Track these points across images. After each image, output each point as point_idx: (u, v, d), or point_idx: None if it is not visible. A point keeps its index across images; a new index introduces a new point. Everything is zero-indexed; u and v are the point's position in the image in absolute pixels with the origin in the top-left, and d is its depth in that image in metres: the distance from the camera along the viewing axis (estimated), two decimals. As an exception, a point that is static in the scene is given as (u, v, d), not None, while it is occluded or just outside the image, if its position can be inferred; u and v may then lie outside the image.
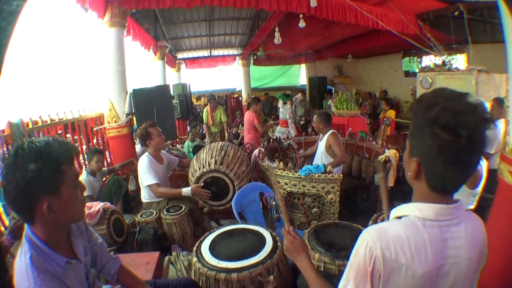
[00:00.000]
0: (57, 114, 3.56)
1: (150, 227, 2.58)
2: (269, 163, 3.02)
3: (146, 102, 4.17)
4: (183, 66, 10.01)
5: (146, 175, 2.79)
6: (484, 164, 2.23)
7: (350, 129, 4.75)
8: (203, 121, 6.60)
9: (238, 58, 9.99)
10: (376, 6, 4.77)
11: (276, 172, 2.83)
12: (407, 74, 9.44)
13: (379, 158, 3.23)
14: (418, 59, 8.88)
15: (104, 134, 4.25)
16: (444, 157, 0.71)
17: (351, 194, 3.48)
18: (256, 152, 3.40)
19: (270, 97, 11.00)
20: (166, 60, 7.70)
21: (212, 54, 9.96)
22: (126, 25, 4.13)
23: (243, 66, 10.06)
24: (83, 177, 3.08)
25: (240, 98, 11.00)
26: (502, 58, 1.79)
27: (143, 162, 2.83)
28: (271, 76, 12.36)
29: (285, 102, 5.94)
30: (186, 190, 2.75)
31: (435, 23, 5.32)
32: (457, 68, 4.82)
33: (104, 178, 3.47)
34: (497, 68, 4.01)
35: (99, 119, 4.30)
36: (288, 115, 5.81)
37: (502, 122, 2.96)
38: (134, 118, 4.25)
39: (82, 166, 3.60)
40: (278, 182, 2.84)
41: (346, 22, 4.62)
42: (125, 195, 3.24)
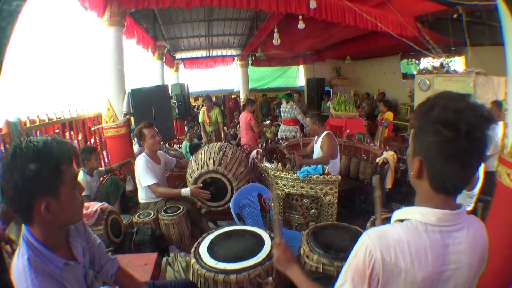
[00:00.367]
0: (55, 113, 3.54)
1: (148, 228, 2.56)
2: (267, 165, 3.01)
3: (144, 102, 4.16)
4: (182, 66, 10.01)
5: (144, 176, 2.77)
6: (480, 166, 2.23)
7: (348, 130, 4.77)
8: (200, 120, 6.60)
9: (236, 58, 10.00)
10: (375, 8, 4.79)
11: (274, 173, 2.83)
12: (405, 76, 9.45)
13: (377, 160, 3.25)
14: (416, 61, 8.91)
15: (102, 134, 4.23)
16: (444, 153, 0.71)
17: (349, 195, 3.49)
18: (254, 153, 3.39)
19: (268, 98, 11.00)
20: (164, 60, 7.69)
21: (210, 55, 9.97)
22: (125, 24, 4.13)
23: (242, 66, 10.07)
24: (80, 177, 3.04)
25: (238, 99, 11.00)
26: (501, 61, 1.79)
27: (140, 163, 2.82)
28: (269, 77, 12.35)
29: (288, 102, 5.94)
30: (185, 191, 2.74)
31: (434, 26, 5.35)
32: (455, 70, 4.86)
33: (101, 178, 3.45)
34: (495, 70, 4.04)
35: (97, 119, 4.27)
36: (298, 114, 5.75)
37: (500, 125, 2.97)
38: (132, 118, 4.24)
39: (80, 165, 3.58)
40: (276, 184, 2.84)
41: (345, 24, 4.64)
42: (122, 196, 3.22)
